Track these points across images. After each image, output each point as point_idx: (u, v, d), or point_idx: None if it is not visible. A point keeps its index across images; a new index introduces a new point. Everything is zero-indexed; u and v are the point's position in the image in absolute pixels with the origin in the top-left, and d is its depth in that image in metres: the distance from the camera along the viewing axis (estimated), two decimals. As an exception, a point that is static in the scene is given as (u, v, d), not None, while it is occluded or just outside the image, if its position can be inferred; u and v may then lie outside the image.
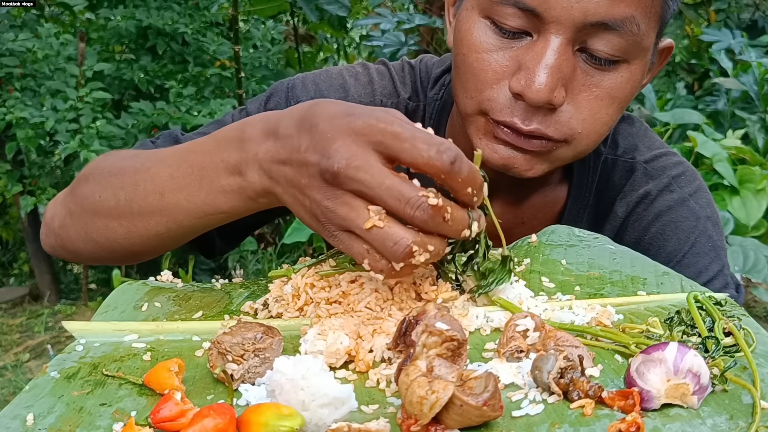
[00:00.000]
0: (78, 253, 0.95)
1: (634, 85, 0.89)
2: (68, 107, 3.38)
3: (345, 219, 0.63)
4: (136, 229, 0.83)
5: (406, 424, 0.53)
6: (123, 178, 0.85)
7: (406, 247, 0.62)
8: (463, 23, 0.89)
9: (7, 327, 3.98)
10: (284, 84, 1.09)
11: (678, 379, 0.56)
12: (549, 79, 0.82)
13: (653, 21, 0.85)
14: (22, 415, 0.58)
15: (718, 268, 0.99)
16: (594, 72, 0.86)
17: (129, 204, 0.83)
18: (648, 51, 0.88)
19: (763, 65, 3.85)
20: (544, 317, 0.71)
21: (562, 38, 0.82)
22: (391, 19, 3.61)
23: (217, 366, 0.62)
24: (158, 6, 3.80)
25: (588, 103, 0.87)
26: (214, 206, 0.76)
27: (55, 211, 0.97)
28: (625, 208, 1.05)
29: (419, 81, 1.10)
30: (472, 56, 0.87)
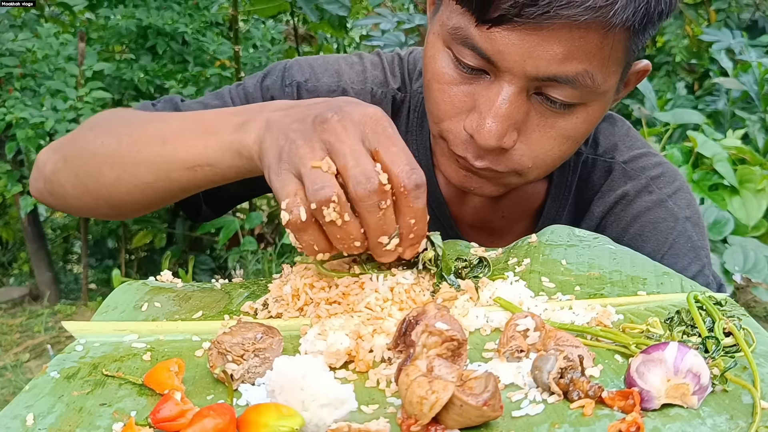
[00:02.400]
0: (64, 198, 0.98)
1: (591, 122, 0.89)
2: (68, 107, 3.38)
3: (302, 157, 0.69)
4: (126, 176, 0.87)
5: (406, 424, 0.53)
6: (131, 127, 0.90)
7: (331, 192, 0.66)
8: (429, 48, 0.90)
9: (7, 327, 3.98)
10: (281, 64, 1.12)
11: (678, 379, 0.56)
12: (498, 126, 0.82)
13: (613, 67, 0.83)
14: (22, 415, 0.58)
15: (698, 268, 0.99)
16: (549, 114, 0.85)
17: (129, 148, 0.87)
18: (608, 92, 0.87)
19: (764, 65, 3.85)
20: (544, 317, 0.71)
21: (515, 87, 0.82)
22: (391, 19, 3.61)
23: (217, 366, 0.62)
24: (158, 6, 3.80)
25: (541, 141, 0.87)
26: (205, 155, 0.81)
27: (48, 156, 1.00)
28: (602, 208, 1.05)
29: (407, 72, 1.12)
30: (435, 85, 0.88)
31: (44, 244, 4.28)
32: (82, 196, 0.95)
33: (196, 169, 0.83)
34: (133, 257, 4.45)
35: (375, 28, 3.82)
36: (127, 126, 0.92)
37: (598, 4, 0.75)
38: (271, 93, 1.08)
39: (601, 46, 0.80)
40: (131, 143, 0.88)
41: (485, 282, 0.79)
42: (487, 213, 1.09)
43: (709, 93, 4.24)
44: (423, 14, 3.76)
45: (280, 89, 1.08)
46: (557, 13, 0.75)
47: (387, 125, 0.71)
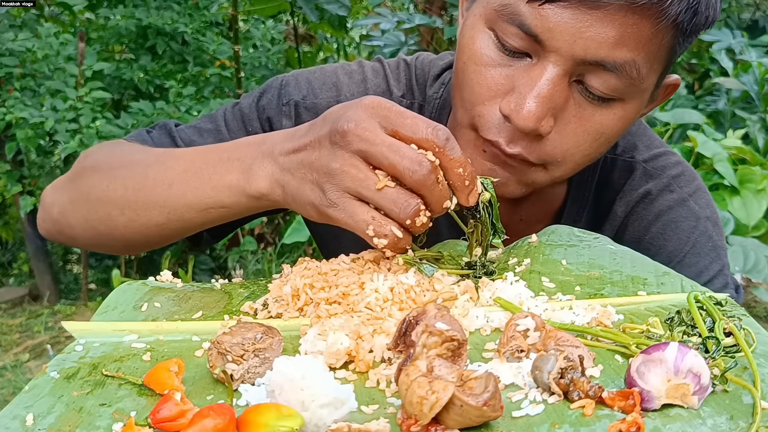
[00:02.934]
0: (75, 239, 0.99)
1: (626, 122, 0.88)
2: (68, 107, 3.38)
3: (354, 180, 0.70)
4: (138, 219, 0.87)
5: (406, 424, 0.53)
6: (133, 170, 0.89)
7: (416, 204, 0.70)
8: (469, 29, 0.88)
9: (6, 327, 3.98)
10: (278, 80, 1.10)
11: (678, 380, 0.56)
12: (538, 108, 0.81)
13: (656, 64, 0.83)
14: (21, 415, 0.58)
15: (719, 267, 0.99)
16: (587, 105, 0.84)
17: (136, 193, 0.87)
18: (646, 92, 0.87)
19: (764, 65, 3.85)
20: (544, 317, 0.70)
21: (559, 69, 0.81)
22: (391, 19, 3.61)
23: (217, 366, 0.62)
24: (158, 6, 3.80)
25: (575, 134, 0.86)
26: (218, 200, 0.82)
27: (54, 197, 1.00)
28: (625, 208, 1.05)
29: (414, 78, 1.10)
30: (471, 67, 0.87)
31: (44, 244, 4.28)
32: (94, 238, 0.95)
33: (210, 211, 0.84)
34: (133, 257, 4.45)
35: (375, 28, 3.82)
36: (129, 168, 0.91)
37: None
38: (268, 114, 1.06)
39: (652, 38, 0.79)
40: (137, 188, 0.88)
41: (485, 282, 0.79)
42: (505, 217, 1.06)
43: (709, 93, 4.24)
44: (423, 14, 3.76)
45: (276, 109, 1.06)
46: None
47: (389, 105, 0.73)
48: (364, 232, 0.71)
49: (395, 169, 0.69)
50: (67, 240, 1.02)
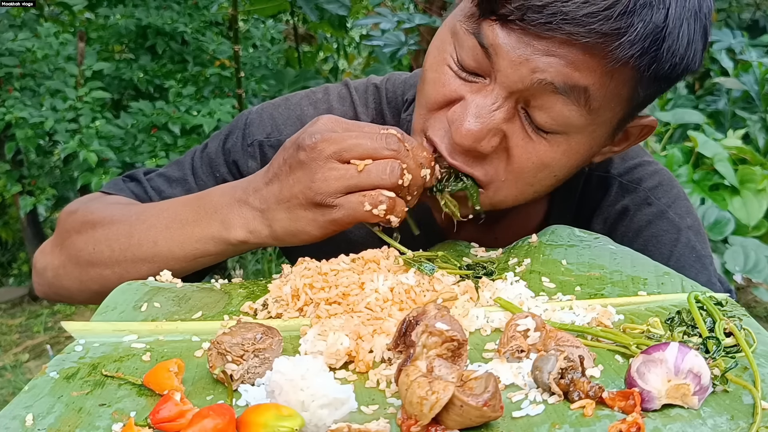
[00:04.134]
0: (72, 298, 1.04)
1: (572, 157, 0.86)
2: (67, 107, 3.38)
3: (338, 178, 0.77)
4: (128, 275, 0.91)
5: (406, 424, 0.53)
6: (116, 229, 0.94)
7: (398, 164, 0.78)
8: (437, 39, 0.89)
9: (6, 327, 3.98)
10: (243, 119, 1.10)
11: (679, 380, 0.56)
12: (479, 127, 0.81)
13: (614, 103, 0.81)
14: (21, 415, 0.58)
15: (705, 278, 0.97)
16: (532, 133, 0.83)
17: (123, 253, 0.92)
18: (599, 128, 0.84)
19: (764, 65, 3.85)
20: (544, 317, 0.70)
21: (505, 91, 0.80)
22: (391, 19, 3.61)
23: (217, 366, 0.62)
24: (158, 5, 3.79)
25: (518, 160, 0.85)
26: (204, 251, 0.89)
27: (45, 261, 1.03)
28: (603, 225, 1.03)
29: (384, 102, 1.09)
30: (431, 74, 0.87)
31: (44, 244, 4.27)
32: (90, 296, 0.99)
33: (199, 260, 0.90)
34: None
35: (375, 27, 3.82)
36: (111, 227, 0.94)
37: (603, 30, 0.73)
38: (233, 156, 1.06)
39: (605, 73, 0.77)
40: (123, 249, 0.92)
41: (485, 282, 0.79)
42: (479, 237, 1.04)
43: (709, 93, 4.24)
44: (423, 14, 3.76)
45: (242, 150, 1.06)
46: (560, 27, 0.74)
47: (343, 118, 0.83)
48: (363, 212, 0.77)
49: (370, 151, 0.78)
50: (65, 300, 1.07)
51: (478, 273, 0.82)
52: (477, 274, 0.81)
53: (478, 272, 0.82)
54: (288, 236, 0.83)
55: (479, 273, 0.82)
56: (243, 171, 1.06)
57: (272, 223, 0.83)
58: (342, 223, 0.80)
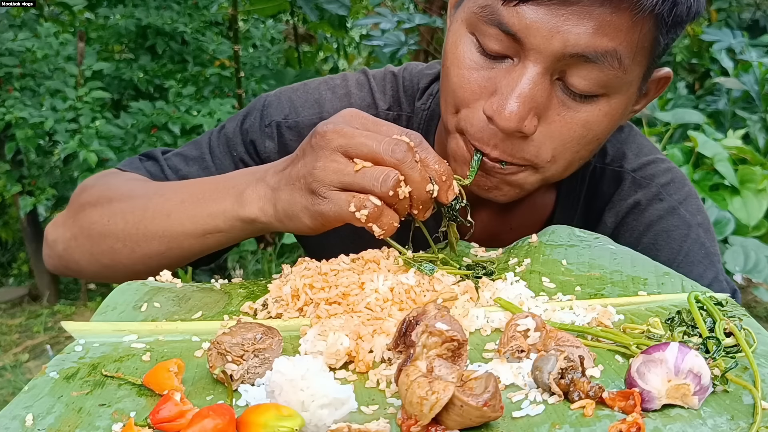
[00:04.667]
0: (81, 272, 1.03)
1: (612, 118, 0.87)
2: (67, 107, 3.38)
3: (336, 171, 0.75)
4: (139, 249, 0.92)
5: (407, 424, 0.53)
6: (132, 203, 0.94)
7: (394, 176, 0.74)
8: (452, 35, 0.89)
9: (6, 327, 3.98)
10: (261, 101, 1.11)
11: (679, 380, 0.56)
12: (520, 108, 0.81)
13: (639, 56, 0.82)
14: (21, 415, 0.58)
15: (713, 275, 0.98)
16: (570, 103, 0.84)
17: (136, 226, 0.92)
18: (632, 85, 0.86)
19: (764, 65, 3.85)
20: (544, 317, 0.70)
21: (540, 67, 0.80)
22: (391, 19, 3.61)
23: (217, 366, 0.62)
24: (158, 5, 3.79)
25: (561, 133, 0.85)
26: (214, 226, 0.87)
27: (57, 234, 1.03)
28: (614, 219, 1.04)
29: (401, 90, 1.10)
30: (454, 71, 0.87)
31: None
32: (99, 270, 0.99)
33: (208, 237, 0.89)
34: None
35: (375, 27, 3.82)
36: (128, 201, 0.95)
37: None
38: (251, 136, 1.07)
39: (631, 28, 0.78)
40: (137, 221, 0.92)
41: (485, 282, 0.79)
42: (495, 226, 1.07)
43: (709, 93, 4.24)
44: (423, 14, 3.76)
45: (259, 131, 1.07)
46: None
47: (365, 114, 0.79)
48: (347, 212, 0.75)
49: (374, 154, 0.75)
50: (74, 273, 1.06)
51: (478, 273, 0.82)
52: (477, 274, 0.81)
53: (478, 272, 0.82)
54: (287, 219, 0.82)
55: (479, 273, 0.82)
56: (260, 151, 1.07)
57: (277, 203, 0.82)
58: (329, 218, 0.78)
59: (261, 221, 0.84)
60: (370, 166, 0.75)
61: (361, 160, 0.75)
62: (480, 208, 1.04)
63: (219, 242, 0.90)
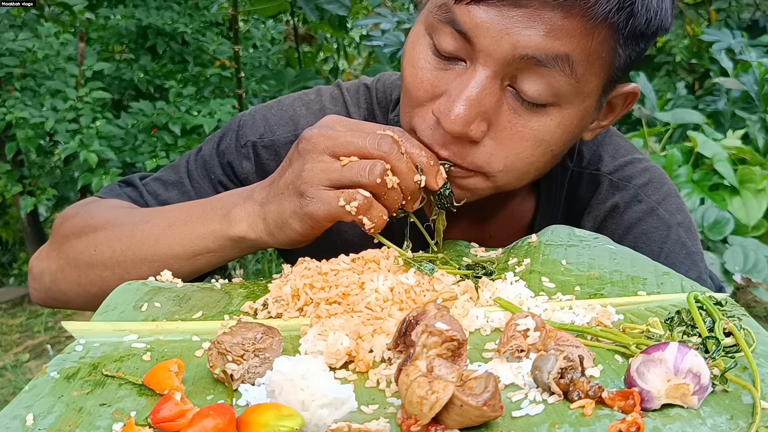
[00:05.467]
0: (69, 303, 1.02)
1: (566, 129, 0.85)
2: (68, 107, 3.38)
3: (323, 170, 0.77)
4: (129, 276, 0.91)
5: (406, 424, 0.53)
6: (118, 230, 0.94)
7: (381, 165, 0.76)
8: (411, 35, 0.89)
9: (6, 327, 3.98)
10: (236, 121, 1.10)
11: (678, 380, 0.56)
12: (467, 111, 0.80)
13: (596, 66, 0.81)
14: (21, 415, 0.58)
15: (696, 275, 0.97)
16: (521, 110, 0.82)
17: (124, 253, 0.92)
18: (588, 96, 0.84)
19: (764, 65, 3.85)
20: (544, 317, 0.70)
21: (489, 71, 0.79)
22: (391, 19, 3.61)
23: (217, 366, 0.62)
24: (158, 5, 3.79)
25: (511, 141, 0.84)
26: (203, 247, 0.88)
27: (42, 266, 1.03)
28: (593, 223, 1.03)
29: (375, 102, 1.09)
30: (409, 70, 0.86)
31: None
32: (88, 300, 0.98)
33: (198, 258, 0.89)
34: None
35: (375, 28, 3.82)
36: (113, 229, 0.94)
37: None
38: (228, 158, 1.07)
39: (584, 34, 0.77)
40: (124, 248, 0.92)
41: (485, 282, 0.79)
42: (474, 234, 1.05)
43: (709, 93, 4.24)
44: (423, 14, 3.75)
45: (236, 152, 1.07)
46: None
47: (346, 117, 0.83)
48: (338, 208, 0.77)
49: (361, 150, 0.77)
50: (62, 305, 1.05)
51: (477, 273, 0.82)
52: (477, 274, 0.82)
53: (478, 272, 0.82)
54: (277, 230, 0.82)
55: (479, 273, 0.82)
56: (238, 173, 1.07)
57: (266, 216, 0.83)
58: (318, 218, 0.78)
59: (250, 238, 0.86)
60: (356, 161, 0.77)
61: (348, 158, 0.77)
62: (459, 215, 1.01)
63: (209, 262, 0.90)
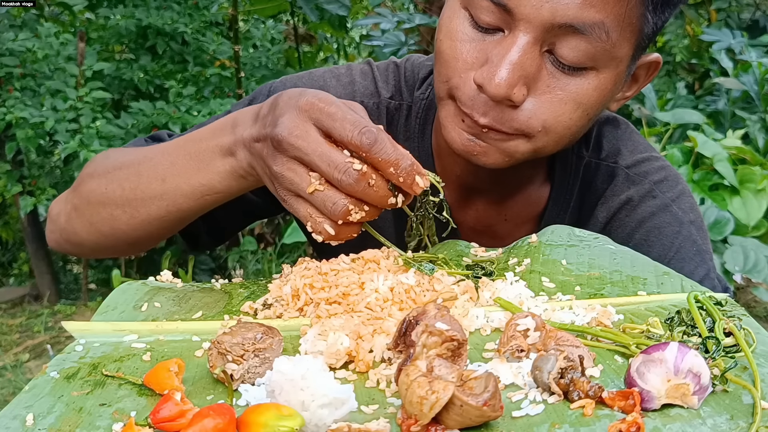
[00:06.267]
0: (82, 244, 1.03)
1: (602, 93, 0.88)
2: (68, 107, 3.38)
3: (291, 183, 0.75)
4: (138, 215, 0.92)
5: (406, 424, 0.53)
6: (127, 170, 0.94)
7: (343, 206, 0.72)
8: (447, 9, 0.91)
9: (6, 327, 3.98)
10: (266, 87, 1.12)
11: (678, 380, 0.56)
12: (510, 75, 0.83)
13: (627, 32, 0.84)
14: (21, 415, 0.58)
15: (704, 272, 0.98)
16: (560, 75, 0.85)
17: (133, 191, 0.92)
18: (621, 62, 0.87)
19: (764, 65, 3.85)
20: (544, 317, 0.70)
21: (530, 37, 0.82)
22: (391, 19, 3.61)
23: (217, 366, 0.62)
24: (158, 5, 3.80)
25: (551, 104, 0.87)
26: (210, 186, 0.87)
27: (59, 207, 1.05)
28: (606, 214, 1.04)
29: (403, 80, 1.11)
30: (447, 43, 0.89)
31: (44, 244, 4.28)
32: (99, 240, 0.99)
33: (206, 197, 0.88)
34: (133, 257, 4.45)
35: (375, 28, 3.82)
36: (123, 169, 0.95)
37: None
38: None
39: (618, 1, 0.80)
40: (133, 187, 0.92)
41: (485, 282, 0.79)
42: (490, 216, 1.08)
43: (709, 93, 4.24)
44: (423, 14, 3.76)
45: None
46: None
47: (321, 106, 0.74)
48: (307, 226, 0.76)
49: (326, 176, 0.73)
50: (75, 247, 1.06)
51: (477, 273, 0.82)
52: (477, 274, 0.82)
53: (478, 272, 0.82)
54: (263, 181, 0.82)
55: (479, 273, 0.82)
56: None
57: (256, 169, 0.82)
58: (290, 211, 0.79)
59: (253, 175, 0.84)
60: (322, 190, 0.72)
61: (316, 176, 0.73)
62: (476, 197, 1.04)
63: (216, 201, 0.89)
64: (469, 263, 0.87)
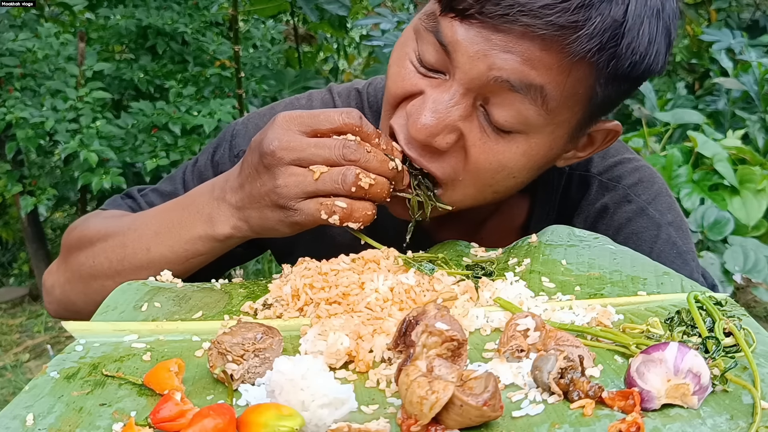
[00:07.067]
0: (80, 312, 1.04)
1: (531, 158, 0.85)
2: (68, 107, 3.38)
3: (297, 184, 0.79)
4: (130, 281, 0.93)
5: (406, 424, 0.53)
6: (113, 240, 0.97)
7: (353, 173, 0.78)
8: (404, 33, 0.90)
9: (6, 327, 3.98)
10: (230, 131, 1.12)
11: (678, 380, 0.56)
12: (434, 122, 0.81)
13: (572, 102, 0.81)
14: (21, 415, 0.58)
15: (687, 274, 0.95)
16: (490, 132, 0.83)
17: (121, 263, 0.95)
18: (558, 128, 0.84)
19: (764, 65, 3.85)
20: (544, 317, 0.70)
21: (463, 88, 0.80)
22: (391, 19, 3.61)
23: (217, 366, 0.62)
24: (158, 6, 3.79)
25: (476, 160, 0.84)
26: (194, 251, 0.91)
27: (53, 279, 1.07)
28: (584, 224, 1.02)
29: (366, 106, 1.10)
30: (393, 68, 0.88)
31: (44, 244, 4.28)
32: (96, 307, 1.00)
33: (191, 261, 0.92)
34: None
35: (375, 28, 3.82)
36: (107, 240, 0.98)
37: (560, 23, 0.73)
38: (221, 168, 1.07)
39: (561, 70, 0.77)
40: (120, 258, 0.95)
41: (485, 282, 0.79)
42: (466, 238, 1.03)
43: (709, 93, 4.24)
44: (423, 14, 3.75)
45: (229, 162, 1.08)
46: (517, 18, 0.74)
47: (298, 113, 0.81)
48: (321, 219, 0.79)
49: (329, 160, 0.78)
50: (74, 315, 1.08)
51: (477, 273, 0.82)
52: (476, 274, 0.82)
53: (478, 272, 0.82)
54: (265, 231, 0.85)
55: (479, 273, 0.82)
56: None
57: (248, 220, 0.85)
58: (305, 225, 0.82)
59: (237, 237, 0.88)
60: (327, 170, 0.78)
61: (318, 166, 0.78)
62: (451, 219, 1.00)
63: (203, 262, 0.93)
64: (469, 263, 0.87)
